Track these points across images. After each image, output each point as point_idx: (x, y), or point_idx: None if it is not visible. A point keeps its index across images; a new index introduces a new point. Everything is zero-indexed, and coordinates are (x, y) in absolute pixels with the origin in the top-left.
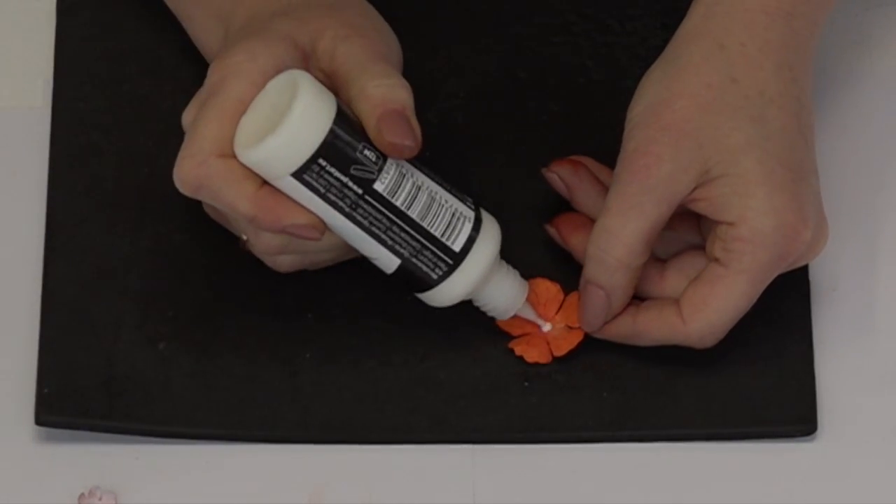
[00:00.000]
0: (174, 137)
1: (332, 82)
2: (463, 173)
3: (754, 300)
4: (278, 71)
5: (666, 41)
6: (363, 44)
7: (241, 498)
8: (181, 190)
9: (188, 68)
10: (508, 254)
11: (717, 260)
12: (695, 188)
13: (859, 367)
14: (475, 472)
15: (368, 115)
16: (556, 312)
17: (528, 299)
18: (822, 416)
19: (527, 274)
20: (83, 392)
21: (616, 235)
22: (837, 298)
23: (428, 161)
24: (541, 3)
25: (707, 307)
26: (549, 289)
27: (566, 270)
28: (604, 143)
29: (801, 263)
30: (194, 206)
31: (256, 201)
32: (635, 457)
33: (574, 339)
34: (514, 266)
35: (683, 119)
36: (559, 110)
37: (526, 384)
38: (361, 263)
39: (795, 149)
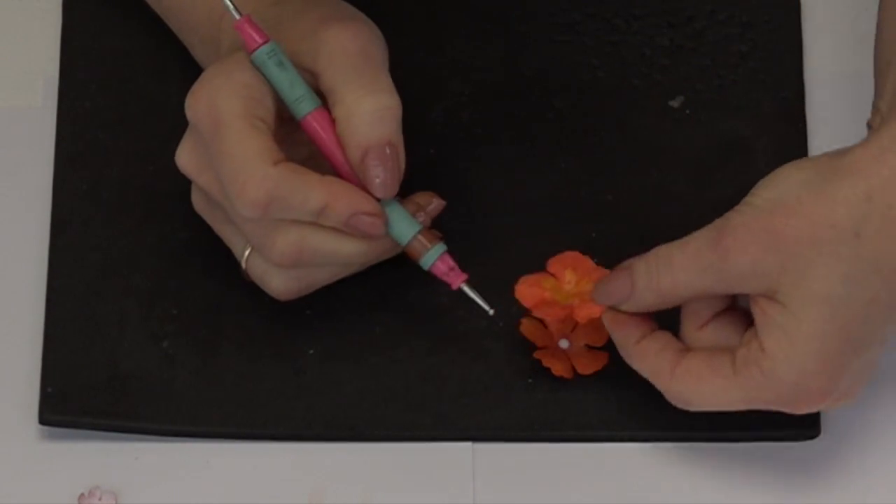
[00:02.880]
0: (179, 135)
1: (316, 83)
2: (468, 171)
3: (743, 409)
4: (257, 78)
5: (672, 40)
6: (342, 37)
7: (241, 498)
8: (251, 215)
9: (194, 67)
10: (513, 251)
11: (733, 357)
12: (757, 295)
13: None
14: (475, 471)
15: (352, 148)
16: (573, 330)
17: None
18: (824, 417)
19: (526, 271)
20: (87, 391)
21: (672, 272)
22: None
23: (433, 159)
24: (548, 2)
25: (697, 387)
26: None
27: None
28: (608, 141)
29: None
30: None
31: (327, 189)
32: (637, 457)
33: (600, 361)
34: (518, 264)
35: (789, 238)
36: (564, 109)
37: (530, 381)
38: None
39: (869, 321)
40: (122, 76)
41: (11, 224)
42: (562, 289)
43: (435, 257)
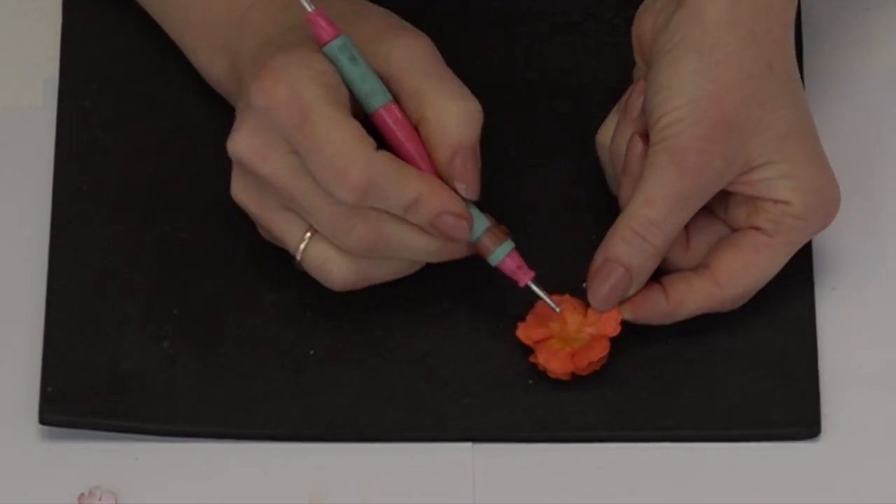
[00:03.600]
0: (180, 135)
1: (387, 84)
2: None
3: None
4: (332, 67)
5: None
6: (417, 45)
7: (241, 498)
8: (350, 199)
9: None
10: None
11: (758, 229)
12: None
13: (863, 368)
14: (475, 472)
15: (443, 148)
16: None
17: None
18: (825, 416)
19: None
20: (87, 391)
21: (660, 227)
22: (839, 298)
23: None
24: (547, 2)
25: (749, 273)
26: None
27: (570, 266)
28: None
29: None
30: (199, 204)
31: (423, 183)
32: (637, 457)
33: (597, 364)
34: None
35: (732, 114)
36: (564, 109)
37: (530, 382)
38: None
39: (812, 122)
40: (122, 75)
41: (11, 224)
42: (568, 333)
43: (504, 254)
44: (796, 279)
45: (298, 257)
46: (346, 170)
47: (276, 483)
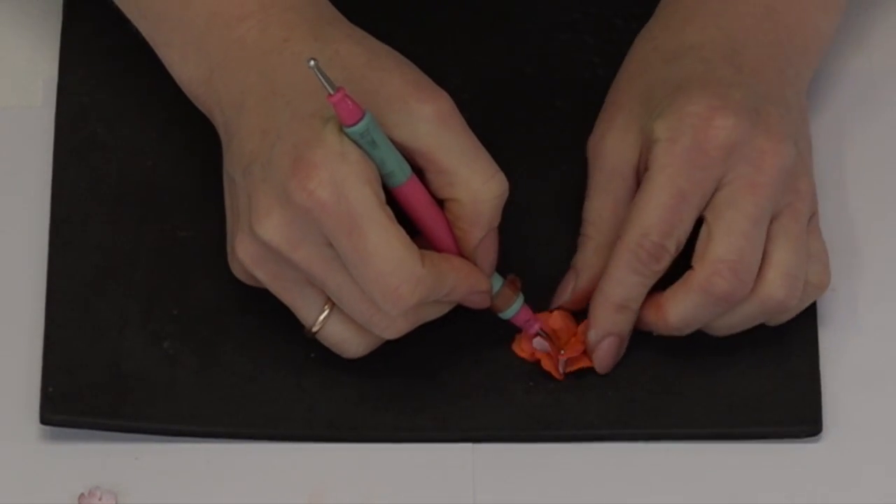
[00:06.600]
0: (179, 133)
1: (412, 156)
2: None
3: (687, 201)
4: (363, 152)
5: None
6: (442, 114)
7: (241, 498)
8: (398, 313)
9: None
10: (513, 251)
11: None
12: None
13: (864, 368)
14: (475, 472)
15: (476, 231)
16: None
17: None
18: (826, 416)
19: (528, 272)
20: (88, 390)
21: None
22: (839, 299)
23: None
24: (547, 0)
25: (637, 210)
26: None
27: (569, 266)
28: None
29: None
30: (199, 203)
31: (456, 275)
32: (638, 456)
33: (588, 362)
34: (518, 264)
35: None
36: (565, 108)
37: (531, 384)
38: None
39: (715, 70)
40: (121, 73)
41: (11, 224)
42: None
43: (514, 312)
44: None
45: (314, 330)
46: (398, 289)
47: (276, 483)
